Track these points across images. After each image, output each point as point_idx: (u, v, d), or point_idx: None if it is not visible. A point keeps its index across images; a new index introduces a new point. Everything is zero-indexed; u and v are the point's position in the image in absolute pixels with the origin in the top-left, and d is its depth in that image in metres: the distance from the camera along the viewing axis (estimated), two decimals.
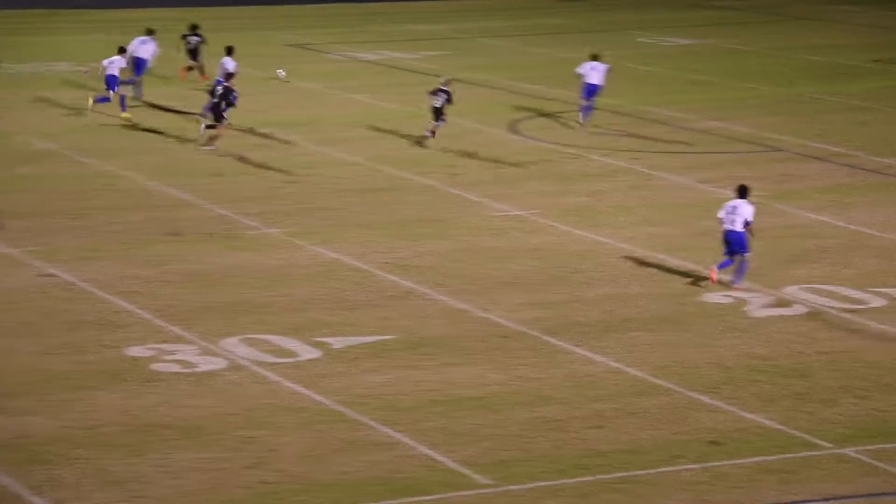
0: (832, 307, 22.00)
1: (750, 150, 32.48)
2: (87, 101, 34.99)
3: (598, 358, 19.87)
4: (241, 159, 31.35)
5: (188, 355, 19.73)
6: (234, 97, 31.53)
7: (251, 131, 34.10)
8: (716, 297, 22.44)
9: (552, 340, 20.52)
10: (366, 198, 28.24)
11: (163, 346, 20.08)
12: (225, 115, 31.53)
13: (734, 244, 22.69)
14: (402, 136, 33.72)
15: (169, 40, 39.65)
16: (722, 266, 22.86)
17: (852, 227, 26.24)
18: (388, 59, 44.98)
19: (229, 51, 35.50)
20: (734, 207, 22.76)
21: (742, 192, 22.98)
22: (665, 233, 25.90)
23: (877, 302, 22.22)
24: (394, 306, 21.92)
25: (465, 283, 23.06)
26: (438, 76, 33.36)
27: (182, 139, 33.34)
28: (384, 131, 34.27)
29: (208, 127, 31.84)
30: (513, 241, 25.38)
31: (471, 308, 21.86)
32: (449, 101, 32.33)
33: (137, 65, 36.90)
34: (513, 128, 34.72)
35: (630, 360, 19.76)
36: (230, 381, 18.86)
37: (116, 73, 34.71)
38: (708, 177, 29.95)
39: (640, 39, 48.75)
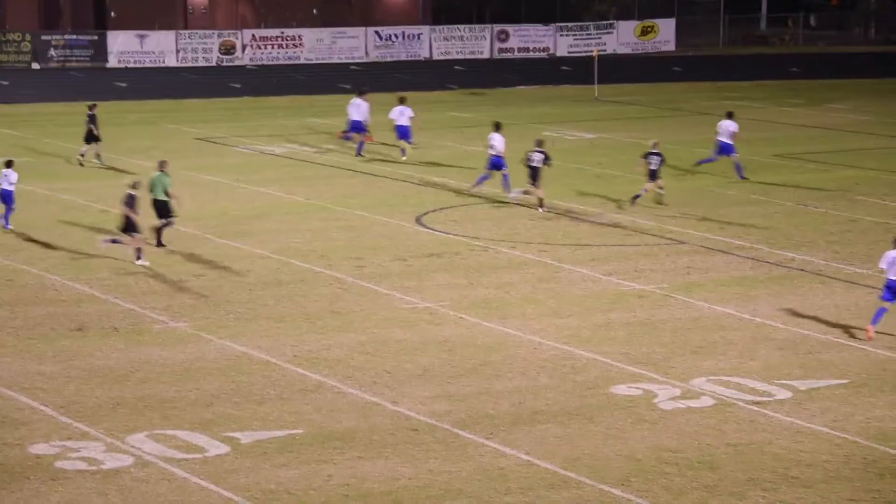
0: (739, 399, 22.18)
1: (655, 243, 32.83)
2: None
3: (508, 451, 19.83)
4: (148, 252, 31.10)
5: (94, 452, 19.41)
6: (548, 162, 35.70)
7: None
8: (624, 389, 22.54)
9: (462, 433, 20.47)
10: (274, 291, 28.12)
11: (67, 442, 19.74)
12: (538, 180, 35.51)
13: None
14: (309, 229, 33.71)
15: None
16: (875, 320, 24.78)
17: (757, 319, 26.54)
18: (293, 153, 45.05)
19: (497, 126, 37.26)
20: (894, 258, 24.92)
21: None
22: (573, 325, 26.02)
23: (782, 394, 22.44)
24: (303, 400, 21.76)
25: (375, 375, 22.97)
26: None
27: (96, 230, 33.04)
28: (291, 224, 34.22)
29: (525, 193, 35.78)
30: (422, 334, 25.36)
31: (381, 401, 21.76)
32: (663, 162, 35.91)
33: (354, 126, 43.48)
34: (420, 220, 34.84)
35: (540, 453, 19.74)
36: (137, 479, 18.56)
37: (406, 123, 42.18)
38: (614, 269, 30.21)
39: (545, 133, 49.29)
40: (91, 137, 41.39)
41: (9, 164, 33.66)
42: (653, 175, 35.87)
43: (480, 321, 26.16)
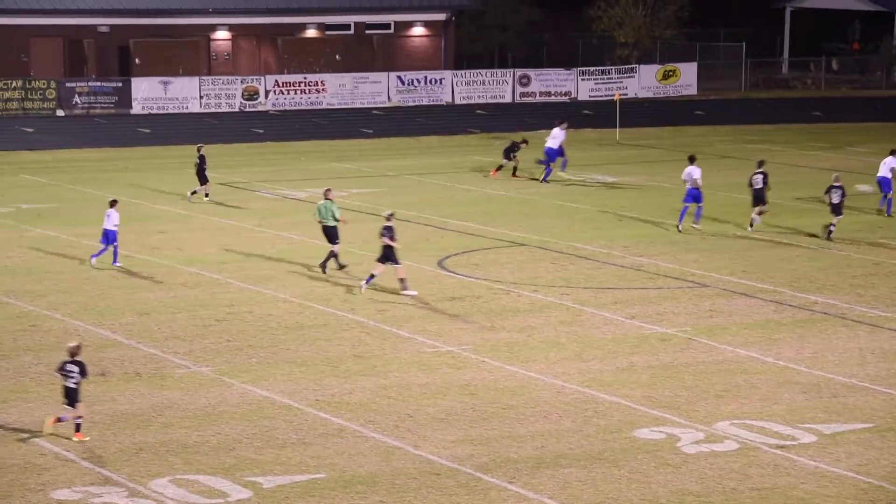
0: (763, 443, 22.07)
1: (677, 286, 32.76)
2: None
3: (531, 495, 19.76)
4: (171, 297, 31.21)
5: (116, 498, 19.40)
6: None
7: (180, 269, 34.01)
8: (647, 432, 22.45)
9: (485, 477, 20.40)
10: (296, 335, 28.14)
11: (90, 488, 19.74)
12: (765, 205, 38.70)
13: None
14: (331, 273, 33.72)
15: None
16: None
17: (781, 362, 26.44)
18: (316, 197, 45.12)
19: (692, 159, 39.28)
20: None
21: None
22: (596, 368, 25.96)
23: (807, 438, 22.32)
24: (325, 444, 21.73)
25: (397, 419, 22.94)
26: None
27: (114, 277, 33.13)
28: (314, 268, 34.26)
29: (761, 213, 38.91)
30: (444, 377, 25.33)
31: (403, 445, 21.72)
32: (844, 195, 37.62)
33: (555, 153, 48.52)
34: (442, 263, 34.86)
35: (563, 498, 19.66)
36: None
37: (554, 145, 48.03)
38: (637, 312, 30.15)
39: (566, 177, 49.34)
40: (203, 177, 43.41)
41: (112, 204, 33.78)
42: (836, 209, 37.39)
43: (503, 365, 26.12)
